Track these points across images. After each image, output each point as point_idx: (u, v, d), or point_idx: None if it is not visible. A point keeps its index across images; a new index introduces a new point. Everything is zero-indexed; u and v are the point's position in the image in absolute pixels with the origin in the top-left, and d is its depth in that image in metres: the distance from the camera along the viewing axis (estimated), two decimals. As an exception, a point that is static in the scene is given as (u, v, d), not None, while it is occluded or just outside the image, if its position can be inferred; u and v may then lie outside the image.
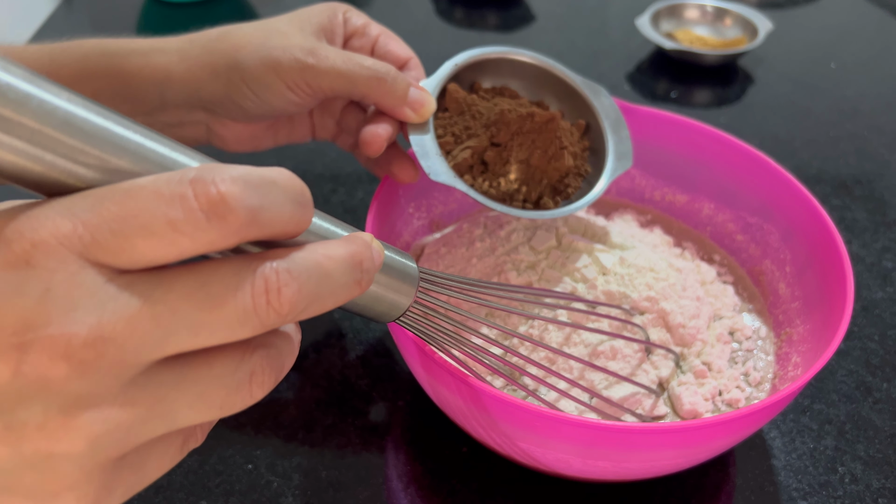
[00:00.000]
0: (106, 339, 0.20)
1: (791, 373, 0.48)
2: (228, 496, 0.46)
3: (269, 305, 0.23)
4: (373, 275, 0.27)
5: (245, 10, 0.97)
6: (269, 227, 0.23)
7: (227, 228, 0.21)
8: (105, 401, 0.21)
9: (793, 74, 0.89)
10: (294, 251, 0.24)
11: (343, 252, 0.25)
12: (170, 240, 0.21)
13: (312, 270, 0.24)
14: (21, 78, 0.20)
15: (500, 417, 0.40)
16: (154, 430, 0.22)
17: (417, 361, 0.43)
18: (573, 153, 0.51)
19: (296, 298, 0.23)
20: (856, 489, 0.48)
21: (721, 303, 0.54)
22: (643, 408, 0.46)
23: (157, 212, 0.21)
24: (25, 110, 0.20)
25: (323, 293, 0.25)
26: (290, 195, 0.23)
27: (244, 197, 0.22)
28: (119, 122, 0.22)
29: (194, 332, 0.22)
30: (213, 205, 0.21)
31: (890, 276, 0.63)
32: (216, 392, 0.23)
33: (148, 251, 0.21)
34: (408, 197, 0.55)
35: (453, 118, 0.50)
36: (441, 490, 0.47)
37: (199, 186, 0.21)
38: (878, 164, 0.76)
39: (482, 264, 0.53)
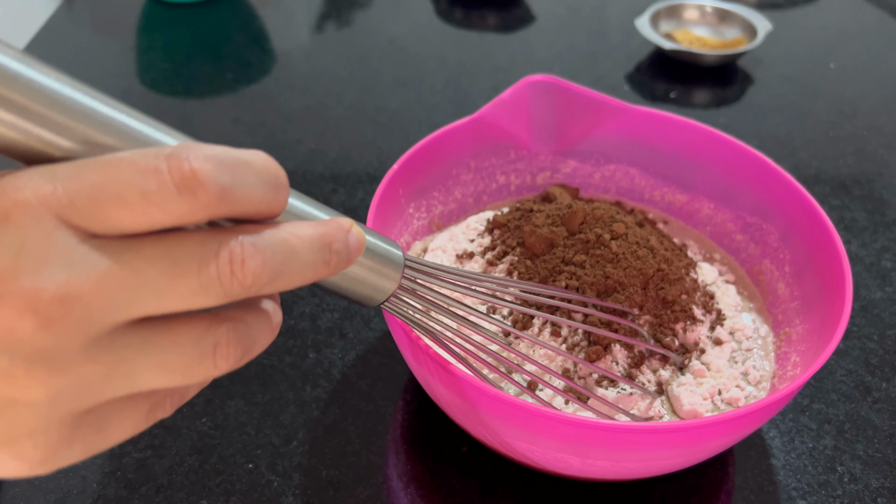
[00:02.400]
0: (73, 296, 0.21)
1: (790, 372, 0.48)
2: (229, 495, 0.47)
3: (232, 276, 0.23)
4: (345, 257, 0.28)
5: (245, 10, 0.97)
6: (240, 206, 0.24)
7: (197, 203, 0.22)
8: (69, 356, 0.22)
9: (792, 75, 0.90)
10: (264, 228, 0.25)
11: (312, 232, 0.26)
12: (142, 209, 0.22)
13: (278, 246, 0.25)
14: (12, 58, 0.22)
15: (499, 417, 0.40)
16: (115, 389, 0.23)
17: (416, 360, 0.43)
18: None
19: (259, 271, 0.24)
20: (855, 488, 0.48)
21: (723, 303, 0.54)
22: (638, 408, 0.46)
23: (132, 182, 0.22)
24: (15, 87, 0.22)
25: (288, 269, 0.25)
26: (263, 176, 0.25)
27: (215, 174, 0.23)
28: (104, 101, 0.24)
29: (159, 296, 0.23)
30: (185, 179, 0.22)
31: (889, 275, 0.63)
32: (179, 358, 0.24)
33: (121, 218, 0.22)
34: (408, 197, 0.55)
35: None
36: (441, 489, 0.48)
37: (173, 161, 0.22)
38: (876, 164, 0.76)
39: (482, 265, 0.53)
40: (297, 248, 0.26)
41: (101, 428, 0.24)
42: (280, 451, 0.49)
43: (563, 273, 0.48)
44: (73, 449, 0.24)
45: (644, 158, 0.61)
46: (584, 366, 0.44)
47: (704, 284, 0.54)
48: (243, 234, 0.24)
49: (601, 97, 0.59)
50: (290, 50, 0.91)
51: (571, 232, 0.50)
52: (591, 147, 0.61)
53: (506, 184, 0.61)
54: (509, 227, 0.54)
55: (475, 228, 0.56)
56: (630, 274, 0.48)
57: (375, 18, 0.97)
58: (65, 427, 0.23)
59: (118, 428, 0.25)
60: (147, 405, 0.25)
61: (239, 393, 0.52)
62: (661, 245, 0.51)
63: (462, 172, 0.59)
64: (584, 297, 0.46)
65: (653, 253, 0.50)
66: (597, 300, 0.47)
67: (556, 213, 0.52)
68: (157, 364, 0.24)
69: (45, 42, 0.89)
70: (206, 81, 0.85)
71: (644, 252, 0.49)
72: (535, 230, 0.50)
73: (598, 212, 0.51)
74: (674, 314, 0.49)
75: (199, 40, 0.91)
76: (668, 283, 0.49)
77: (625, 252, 0.49)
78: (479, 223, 0.57)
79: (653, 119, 0.59)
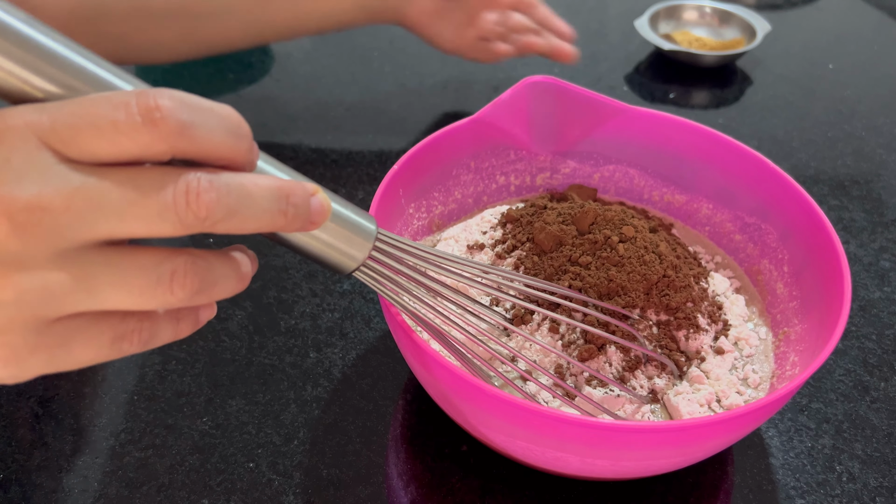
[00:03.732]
0: (43, 207, 0.24)
1: (789, 372, 0.48)
2: (230, 495, 0.47)
3: (187, 206, 0.26)
4: (304, 213, 0.30)
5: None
6: (200, 144, 0.26)
7: (159, 133, 0.25)
8: (36, 263, 0.25)
9: (791, 75, 0.90)
10: (225, 172, 0.27)
11: (271, 182, 0.29)
12: (111, 137, 0.25)
13: (234, 187, 0.27)
14: (14, 16, 0.26)
15: (499, 416, 0.41)
16: (78, 303, 0.26)
17: (416, 359, 0.44)
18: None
19: (213, 206, 0.26)
20: (853, 488, 0.49)
21: (731, 314, 0.53)
22: (624, 411, 0.46)
23: (105, 114, 0.25)
24: (15, 42, 0.26)
25: (243, 210, 0.27)
26: (224, 123, 0.27)
27: (177, 110, 0.26)
28: (88, 56, 0.27)
29: (120, 218, 0.25)
30: (149, 111, 0.25)
31: (887, 275, 0.64)
32: (137, 280, 0.26)
33: (94, 144, 0.25)
34: (408, 197, 0.55)
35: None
36: (441, 488, 0.48)
37: (141, 98, 0.25)
38: (875, 164, 0.76)
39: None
40: (254, 193, 0.28)
41: (64, 342, 0.26)
42: (281, 450, 0.49)
43: (567, 273, 0.48)
44: (38, 356, 0.26)
45: (643, 159, 0.61)
46: (574, 364, 0.44)
47: (714, 294, 0.53)
48: (204, 172, 0.26)
49: (600, 98, 0.59)
50: (291, 50, 0.91)
51: (581, 232, 0.51)
52: (590, 148, 0.62)
53: (505, 184, 0.61)
54: (521, 222, 0.54)
55: (489, 221, 0.57)
56: (633, 279, 0.48)
57: (375, 19, 0.97)
58: (30, 332, 0.26)
59: (82, 348, 0.27)
60: (112, 332, 0.27)
61: (240, 392, 0.52)
62: (671, 252, 0.51)
63: (462, 173, 0.59)
64: (584, 297, 0.46)
65: (660, 259, 0.50)
66: (597, 301, 0.47)
67: (568, 212, 0.52)
68: (118, 282, 0.26)
69: None
70: (206, 82, 0.85)
71: (651, 257, 0.49)
72: (546, 227, 0.51)
73: (609, 213, 0.51)
74: (677, 321, 0.49)
75: (199, 41, 0.91)
76: (674, 289, 0.49)
77: (631, 256, 0.49)
78: (493, 216, 0.57)
79: (652, 120, 0.59)
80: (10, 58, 0.26)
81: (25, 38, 0.26)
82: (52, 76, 0.26)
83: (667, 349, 0.49)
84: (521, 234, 0.53)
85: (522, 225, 0.54)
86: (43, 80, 0.26)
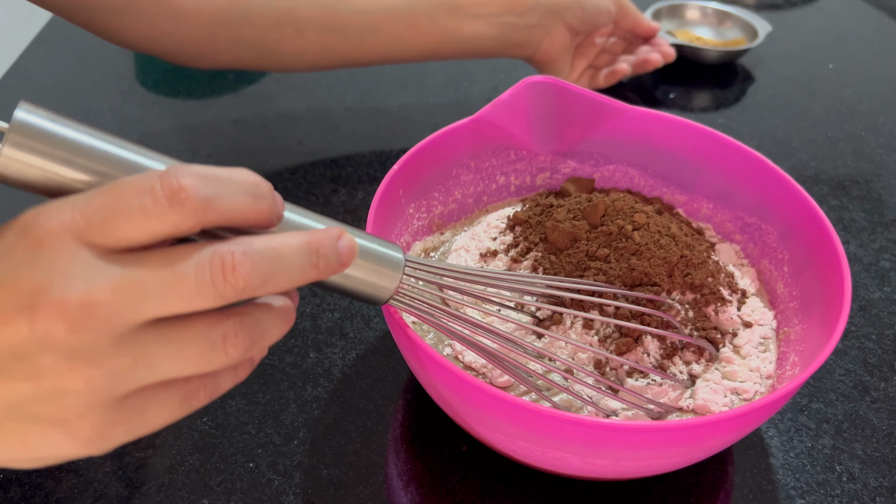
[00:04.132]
0: (93, 303, 0.26)
1: (789, 372, 0.48)
2: (230, 494, 0.47)
3: (225, 281, 0.28)
4: (334, 260, 0.32)
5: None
6: (225, 214, 0.28)
7: (185, 212, 0.27)
8: (98, 352, 0.27)
9: (791, 76, 0.90)
10: (256, 237, 0.29)
11: (300, 239, 0.30)
12: (142, 222, 0.27)
13: (267, 253, 0.29)
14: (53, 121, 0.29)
15: (499, 416, 0.41)
16: (143, 378, 0.28)
17: (416, 359, 0.44)
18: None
19: (249, 276, 0.28)
20: (853, 488, 0.49)
21: (743, 283, 0.55)
22: (669, 398, 0.46)
23: (132, 201, 0.27)
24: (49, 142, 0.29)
25: (277, 272, 0.29)
26: (243, 187, 0.29)
27: (199, 186, 0.27)
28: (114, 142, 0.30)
29: (163, 300, 0.27)
30: (174, 192, 0.27)
31: (887, 275, 0.64)
32: (192, 348, 0.28)
33: (127, 231, 0.27)
34: (408, 197, 0.55)
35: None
36: (441, 488, 0.48)
37: (164, 180, 0.27)
38: (875, 164, 0.76)
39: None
40: (285, 254, 0.30)
41: (139, 412, 0.29)
42: (281, 450, 0.49)
43: (589, 269, 0.49)
44: (118, 430, 0.29)
45: (643, 159, 0.61)
46: (613, 359, 0.45)
47: (725, 265, 0.55)
48: (234, 244, 0.28)
49: (600, 98, 0.59)
50: (291, 51, 0.91)
51: (593, 225, 0.51)
52: (590, 148, 0.62)
53: (506, 184, 0.61)
54: (530, 223, 0.54)
55: (496, 226, 0.57)
56: (654, 264, 0.48)
57: (375, 19, 0.97)
58: (106, 411, 0.28)
59: (156, 413, 0.29)
60: (180, 394, 0.30)
61: (240, 392, 0.52)
62: (681, 231, 0.52)
63: (462, 173, 0.59)
64: (615, 289, 0.47)
65: (675, 240, 0.50)
66: (628, 292, 0.47)
67: (577, 207, 0.52)
68: (175, 355, 0.28)
69: (46, 43, 0.89)
70: (206, 82, 0.85)
71: (666, 240, 0.50)
72: (558, 225, 0.51)
73: (618, 203, 0.51)
74: (704, 297, 0.50)
75: (199, 41, 0.91)
76: (693, 267, 0.50)
77: (647, 242, 0.49)
78: (499, 220, 0.57)
79: (652, 119, 0.59)
80: (42, 155, 0.29)
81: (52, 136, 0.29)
82: (83, 166, 0.29)
83: (703, 329, 0.49)
84: (533, 235, 0.53)
85: (532, 226, 0.54)
86: (75, 171, 0.29)
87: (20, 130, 0.29)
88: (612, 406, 0.46)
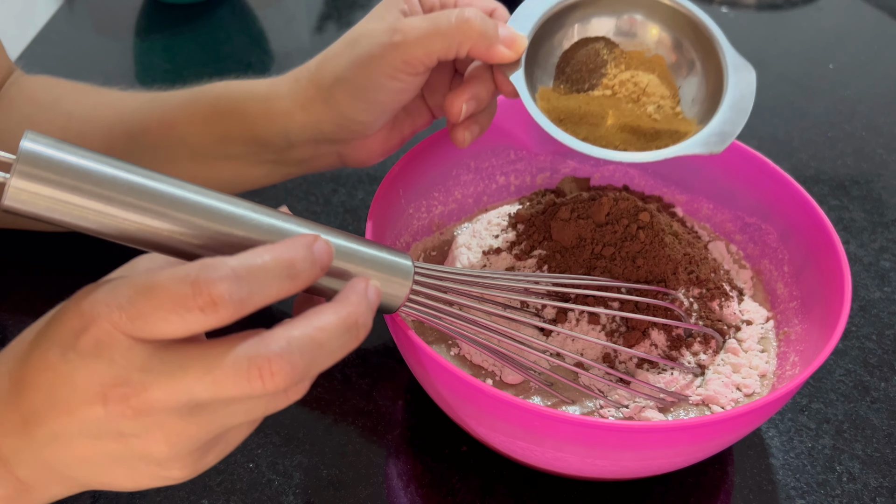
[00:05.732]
0: (149, 394, 0.30)
1: (789, 372, 0.48)
2: (230, 495, 0.47)
3: (264, 385, 0.30)
4: (369, 326, 0.33)
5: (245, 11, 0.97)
6: (261, 302, 0.30)
7: (221, 316, 0.29)
8: (168, 425, 0.30)
9: (791, 75, 0.90)
10: (291, 328, 0.31)
11: (335, 319, 0.32)
12: (182, 324, 0.29)
13: (305, 347, 0.30)
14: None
15: (499, 416, 0.41)
16: (213, 431, 0.32)
17: (416, 359, 0.44)
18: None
19: (290, 376, 0.30)
20: (853, 488, 0.49)
21: (738, 279, 0.55)
22: (679, 388, 0.47)
23: (170, 308, 0.29)
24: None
25: (319, 360, 0.31)
26: (277, 273, 0.31)
27: (232, 293, 0.29)
28: (122, 167, 0.32)
29: (213, 392, 0.30)
30: (207, 305, 0.29)
31: (887, 275, 0.64)
32: (253, 410, 0.32)
33: (170, 330, 0.30)
34: (408, 197, 0.55)
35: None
36: (441, 488, 0.48)
37: (196, 289, 0.29)
38: (875, 164, 0.76)
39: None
40: (323, 341, 0.31)
41: (220, 442, 0.33)
42: (281, 450, 0.49)
43: (595, 268, 0.49)
44: (205, 461, 0.33)
45: (643, 159, 0.61)
46: (623, 351, 0.46)
47: (720, 262, 0.55)
48: (272, 344, 0.30)
49: (601, 98, 0.59)
50: (291, 51, 0.91)
51: (598, 224, 0.51)
52: (590, 147, 0.62)
53: (506, 184, 0.61)
54: (534, 221, 0.54)
55: (497, 224, 0.56)
56: (660, 262, 0.49)
57: (375, 19, 0.97)
58: (192, 455, 0.32)
59: (234, 438, 0.34)
60: (250, 425, 0.34)
61: (239, 392, 0.52)
62: (682, 228, 0.53)
63: (462, 173, 0.59)
64: (629, 285, 0.47)
65: (678, 238, 0.51)
66: (634, 285, 0.47)
67: (581, 206, 0.52)
68: (236, 413, 0.32)
69: (46, 43, 0.89)
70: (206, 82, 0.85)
71: (670, 238, 0.50)
72: (564, 224, 0.51)
73: (622, 203, 0.51)
74: (709, 292, 0.50)
75: (199, 41, 0.91)
76: (696, 264, 0.50)
77: (652, 241, 0.49)
78: (500, 218, 0.57)
79: (652, 119, 0.59)
80: (50, 184, 0.30)
81: (60, 164, 0.30)
82: (93, 193, 0.31)
83: (709, 320, 0.50)
84: (537, 233, 0.53)
85: (535, 224, 0.53)
86: (84, 198, 0.31)
87: (27, 161, 0.29)
88: (622, 398, 0.46)
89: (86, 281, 0.33)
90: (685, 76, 0.50)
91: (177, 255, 0.34)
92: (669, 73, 0.50)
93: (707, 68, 0.49)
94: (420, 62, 0.46)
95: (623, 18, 0.51)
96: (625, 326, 0.48)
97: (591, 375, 0.46)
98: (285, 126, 0.51)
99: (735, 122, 0.46)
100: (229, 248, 0.34)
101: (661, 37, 0.51)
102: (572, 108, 0.49)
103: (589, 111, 0.49)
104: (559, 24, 0.51)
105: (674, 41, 0.51)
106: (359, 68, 0.46)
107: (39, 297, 0.58)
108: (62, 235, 0.61)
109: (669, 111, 0.49)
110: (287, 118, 0.51)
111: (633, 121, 0.48)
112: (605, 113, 0.48)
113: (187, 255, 0.34)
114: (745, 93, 0.47)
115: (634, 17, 0.51)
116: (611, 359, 0.48)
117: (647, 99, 0.49)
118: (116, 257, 0.64)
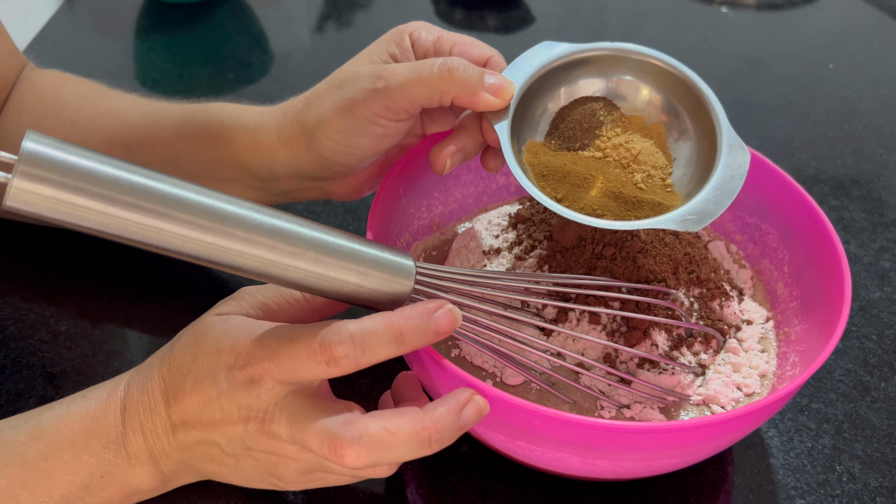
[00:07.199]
0: (278, 427, 0.38)
1: (789, 372, 0.48)
2: (230, 495, 0.47)
3: (337, 461, 0.37)
4: (450, 440, 0.38)
5: (245, 11, 0.97)
6: (373, 361, 0.37)
7: (342, 369, 0.37)
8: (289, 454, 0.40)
9: (791, 75, 0.90)
10: (370, 420, 0.37)
11: (409, 430, 0.37)
12: (312, 374, 0.37)
13: (374, 443, 0.36)
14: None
15: (498, 416, 0.41)
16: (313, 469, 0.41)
17: (415, 359, 0.44)
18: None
19: (356, 462, 0.36)
20: (854, 488, 0.49)
21: (738, 279, 0.55)
22: (680, 387, 0.47)
23: (304, 362, 0.37)
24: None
25: (383, 459, 0.37)
26: (387, 338, 0.37)
27: (350, 355, 0.36)
28: (124, 167, 0.33)
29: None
30: (330, 361, 0.36)
31: (887, 275, 0.64)
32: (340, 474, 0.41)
33: (304, 377, 0.38)
34: (408, 198, 0.55)
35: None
36: (441, 488, 0.48)
37: (323, 347, 0.36)
38: (875, 164, 0.76)
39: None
40: (392, 445, 0.37)
41: (322, 479, 0.42)
42: (281, 450, 0.49)
43: (596, 268, 0.49)
44: (314, 482, 0.42)
45: (643, 159, 0.61)
46: (624, 350, 0.46)
47: (720, 262, 0.55)
48: (350, 427, 0.37)
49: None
50: (291, 51, 0.91)
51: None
52: (590, 147, 0.61)
53: (506, 184, 0.61)
54: (534, 221, 0.54)
55: (498, 224, 0.56)
56: (660, 261, 0.49)
57: (375, 19, 0.97)
58: (308, 475, 0.41)
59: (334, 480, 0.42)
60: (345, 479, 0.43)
61: (240, 392, 0.52)
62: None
63: (462, 173, 0.59)
64: (631, 284, 0.47)
65: (678, 237, 0.51)
66: (635, 285, 0.47)
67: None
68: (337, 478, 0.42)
69: (46, 43, 0.89)
70: (206, 82, 0.85)
71: (670, 238, 0.50)
72: (565, 224, 0.50)
73: None
74: (710, 292, 0.50)
75: (199, 41, 0.91)
76: (696, 264, 0.50)
77: (652, 240, 0.49)
78: (500, 218, 0.57)
79: (652, 120, 0.59)
80: (52, 185, 0.31)
81: (62, 164, 0.31)
82: (94, 193, 0.31)
83: (709, 320, 0.50)
84: (537, 232, 0.53)
85: (536, 224, 0.53)
86: (86, 198, 0.31)
87: (29, 161, 0.29)
88: (624, 398, 0.46)
89: (86, 280, 0.33)
90: (679, 144, 0.49)
91: (177, 255, 0.34)
92: (666, 143, 0.49)
93: (702, 144, 0.48)
94: (403, 109, 0.46)
95: (626, 81, 0.50)
96: (626, 326, 0.48)
97: (593, 375, 0.46)
98: (269, 159, 0.51)
99: (718, 202, 0.45)
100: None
101: (661, 104, 0.50)
102: (557, 164, 0.48)
103: (574, 171, 0.47)
104: (559, 79, 0.50)
105: (673, 110, 0.50)
106: (341, 112, 0.46)
107: (40, 296, 0.58)
108: (63, 234, 0.61)
109: (658, 182, 0.48)
110: (271, 152, 0.51)
111: (617, 187, 0.46)
112: (591, 174, 0.47)
113: (188, 256, 0.34)
114: (734, 174, 0.46)
115: (640, 83, 0.50)
116: (612, 359, 0.48)
117: (636, 166, 0.47)
118: (116, 257, 0.64)
